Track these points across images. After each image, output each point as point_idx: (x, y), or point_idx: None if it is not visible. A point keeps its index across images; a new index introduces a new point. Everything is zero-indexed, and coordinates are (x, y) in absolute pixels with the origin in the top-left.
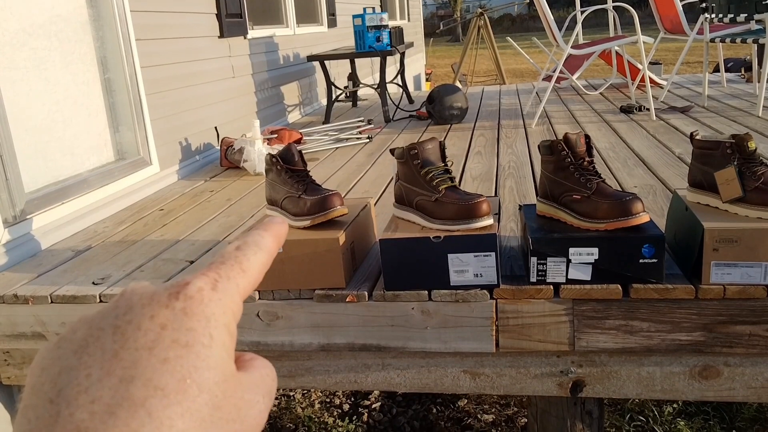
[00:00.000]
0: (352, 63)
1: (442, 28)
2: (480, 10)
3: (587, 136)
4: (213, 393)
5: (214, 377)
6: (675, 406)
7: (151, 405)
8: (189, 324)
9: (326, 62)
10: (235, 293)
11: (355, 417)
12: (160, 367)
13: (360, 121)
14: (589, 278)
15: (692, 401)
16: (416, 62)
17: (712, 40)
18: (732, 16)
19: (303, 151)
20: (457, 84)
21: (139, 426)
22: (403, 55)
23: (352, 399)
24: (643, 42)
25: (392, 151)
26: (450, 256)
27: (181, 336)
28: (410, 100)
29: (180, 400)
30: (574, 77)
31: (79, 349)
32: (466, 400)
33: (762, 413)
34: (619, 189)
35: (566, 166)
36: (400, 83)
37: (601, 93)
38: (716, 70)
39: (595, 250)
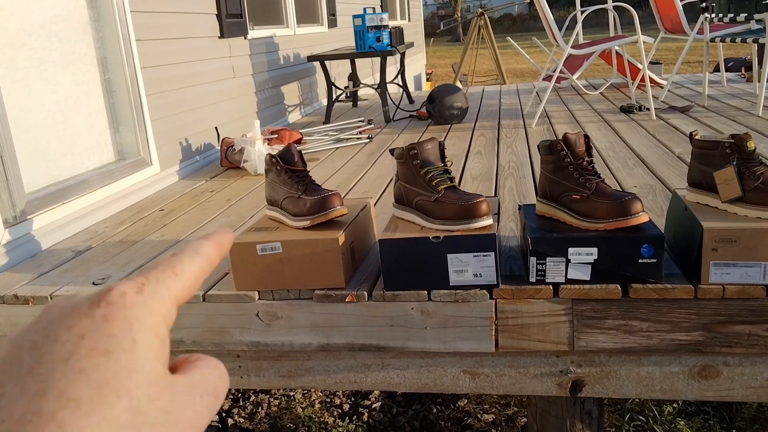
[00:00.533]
0: (353, 63)
1: (442, 28)
2: (480, 10)
3: (586, 136)
4: (134, 398)
5: (135, 382)
6: (675, 405)
7: (63, 417)
8: (109, 330)
9: (326, 62)
10: (164, 296)
11: (355, 417)
12: (75, 377)
13: (360, 121)
14: (588, 278)
15: (692, 401)
16: (417, 62)
17: (713, 40)
18: (732, 15)
19: (303, 152)
20: (458, 84)
21: None
22: (403, 55)
23: (352, 399)
24: (643, 42)
25: (392, 152)
26: (449, 256)
27: (100, 343)
28: (410, 100)
29: (96, 409)
30: (575, 77)
31: None
32: (466, 400)
33: (762, 413)
34: (619, 189)
35: (565, 166)
36: (401, 83)
37: (601, 93)
38: (716, 69)
39: (595, 250)
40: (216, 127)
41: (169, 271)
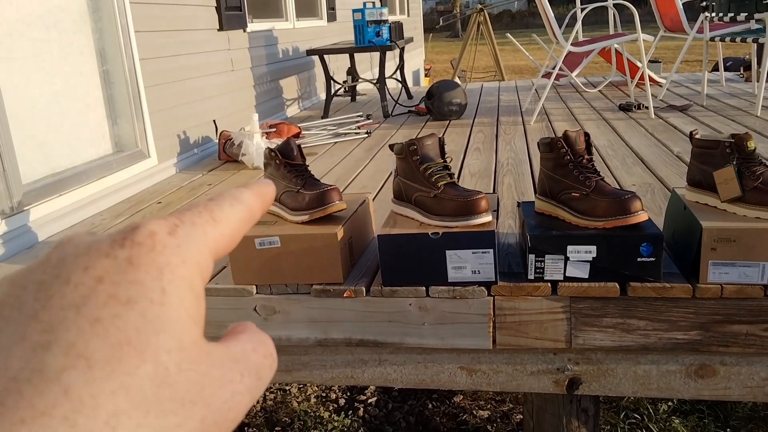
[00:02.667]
0: (352, 57)
1: (441, 23)
2: (480, 6)
3: (587, 134)
4: (162, 364)
5: (164, 344)
6: (670, 404)
7: (70, 378)
8: (134, 275)
9: (325, 56)
10: (201, 243)
11: (350, 412)
12: (89, 329)
13: (359, 115)
14: (586, 276)
15: (687, 400)
16: (415, 58)
17: (712, 39)
18: (732, 15)
19: (301, 146)
20: (456, 80)
21: (50, 407)
22: (402, 50)
23: (348, 394)
24: (643, 40)
25: (391, 147)
26: (448, 252)
27: (122, 290)
28: (409, 96)
29: (111, 372)
30: (574, 74)
31: None
32: (461, 396)
33: (756, 412)
34: (618, 187)
35: (565, 164)
36: (399, 78)
37: (600, 91)
38: (715, 68)
39: (594, 248)
40: (214, 120)
41: (207, 215)
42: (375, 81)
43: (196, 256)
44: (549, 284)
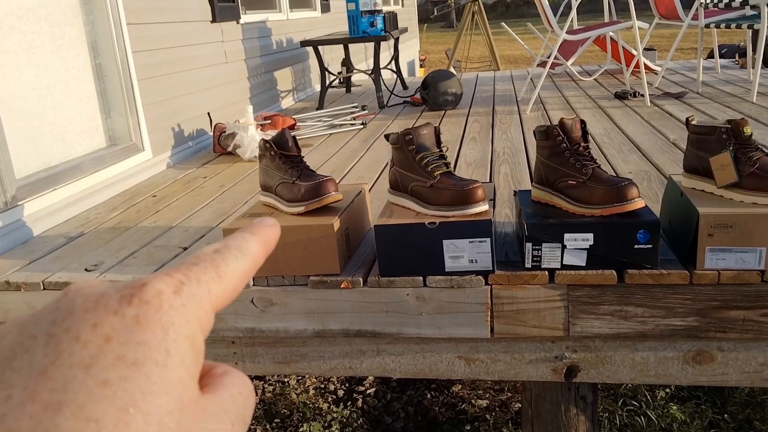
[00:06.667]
0: (346, 48)
1: (435, 13)
2: None
3: (583, 121)
4: (164, 425)
5: (167, 405)
6: (667, 390)
7: None
8: (140, 336)
9: (320, 48)
10: (204, 300)
11: (349, 403)
12: (98, 391)
13: (354, 106)
14: (584, 264)
15: (685, 386)
16: (410, 48)
17: (707, 26)
18: (727, 1)
19: (297, 137)
20: (452, 70)
21: None
22: (397, 40)
23: (347, 385)
24: (638, 28)
25: (387, 137)
26: (445, 242)
27: (129, 351)
28: (404, 86)
29: None
30: (569, 63)
31: (3, 360)
32: (460, 386)
33: (753, 397)
34: (614, 175)
35: (562, 152)
36: (394, 69)
37: (595, 79)
38: (711, 56)
39: (591, 236)
40: (208, 113)
41: (212, 271)
42: (370, 72)
43: (198, 314)
44: (546, 272)
